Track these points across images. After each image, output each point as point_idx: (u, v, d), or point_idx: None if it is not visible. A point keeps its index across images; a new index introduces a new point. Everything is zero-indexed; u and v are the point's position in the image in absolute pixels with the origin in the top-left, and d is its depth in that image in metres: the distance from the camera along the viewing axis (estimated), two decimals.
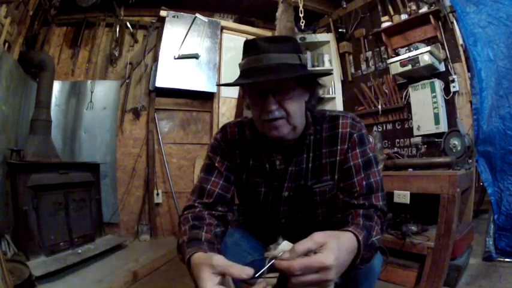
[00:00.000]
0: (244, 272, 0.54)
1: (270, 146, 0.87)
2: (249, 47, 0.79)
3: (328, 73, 2.88)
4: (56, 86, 2.75)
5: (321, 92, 0.91)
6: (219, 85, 3.27)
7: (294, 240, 0.93)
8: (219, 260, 0.56)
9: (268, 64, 0.75)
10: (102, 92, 2.96)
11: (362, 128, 0.86)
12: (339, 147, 0.84)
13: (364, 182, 0.80)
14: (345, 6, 3.13)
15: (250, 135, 0.90)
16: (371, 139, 1.73)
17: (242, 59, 0.81)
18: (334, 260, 0.53)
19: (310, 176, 0.87)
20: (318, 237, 0.56)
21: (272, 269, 0.55)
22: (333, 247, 0.55)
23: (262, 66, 0.75)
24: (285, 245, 0.59)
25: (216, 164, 0.89)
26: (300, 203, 0.89)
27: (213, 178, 0.88)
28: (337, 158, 0.85)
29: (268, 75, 0.74)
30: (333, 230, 0.63)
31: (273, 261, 0.55)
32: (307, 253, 0.54)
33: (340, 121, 0.85)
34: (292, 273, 0.52)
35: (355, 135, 0.84)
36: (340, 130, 0.84)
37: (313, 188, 0.86)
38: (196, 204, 0.84)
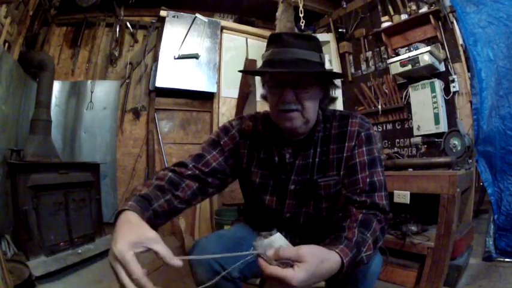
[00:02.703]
0: (172, 260, 0.55)
1: (281, 140, 0.91)
2: (275, 40, 0.83)
3: (343, 75, 2.93)
4: (56, 86, 2.74)
5: (332, 92, 0.94)
6: (241, 71, 3.18)
7: (296, 235, 0.92)
8: (151, 234, 0.57)
9: (292, 58, 0.79)
10: (102, 92, 2.95)
11: (370, 128, 0.89)
12: (346, 144, 0.87)
13: (367, 180, 0.82)
14: (345, 6, 3.13)
15: (262, 129, 0.95)
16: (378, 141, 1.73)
17: (266, 50, 0.85)
18: (300, 282, 0.55)
19: (316, 170, 0.89)
20: (303, 251, 0.57)
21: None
22: (308, 270, 0.56)
23: (286, 59, 0.79)
24: (276, 237, 0.59)
25: (222, 142, 0.93)
26: (305, 196, 0.91)
27: (214, 152, 0.91)
28: (344, 155, 0.87)
29: (292, 67, 0.78)
30: (326, 238, 0.66)
31: (252, 254, 0.59)
32: (287, 260, 0.56)
33: (350, 120, 0.89)
34: (264, 275, 0.56)
35: (362, 133, 0.87)
36: (349, 128, 0.88)
37: (318, 182, 0.89)
38: (190, 166, 0.86)
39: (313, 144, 0.90)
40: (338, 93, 3.16)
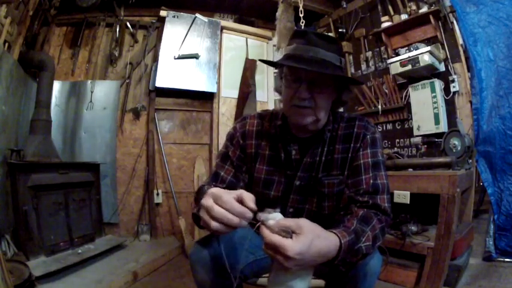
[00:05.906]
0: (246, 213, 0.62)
1: (288, 137, 0.93)
2: (300, 36, 0.86)
3: (361, 82, 2.88)
4: (56, 86, 2.74)
5: (345, 96, 0.94)
6: (263, 61, 3.15)
7: None
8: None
9: (314, 57, 0.82)
10: (102, 92, 2.95)
11: (376, 132, 0.92)
12: (352, 145, 0.90)
13: (371, 181, 0.84)
14: (345, 6, 3.12)
15: (268, 126, 0.98)
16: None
17: (289, 44, 0.87)
18: (297, 254, 0.56)
19: (321, 168, 0.91)
20: (303, 222, 0.59)
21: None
22: (304, 242, 0.57)
23: (309, 57, 0.82)
24: (279, 215, 0.63)
25: (230, 154, 0.97)
26: (309, 193, 0.93)
27: (226, 166, 0.96)
28: (349, 155, 0.90)
29: (313, 66, 0.80)
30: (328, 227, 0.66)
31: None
32: (286, 229, 0.59)
33: (357, 122, 0.92)
34: (264, 239, 0.59)
35: (368, 136, 0.89)
36: (355, 130, 0.91)
37: (322, 180, 0.90)
38: (212, 185, 0.91)
39: (321, 142, 0.92)
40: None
